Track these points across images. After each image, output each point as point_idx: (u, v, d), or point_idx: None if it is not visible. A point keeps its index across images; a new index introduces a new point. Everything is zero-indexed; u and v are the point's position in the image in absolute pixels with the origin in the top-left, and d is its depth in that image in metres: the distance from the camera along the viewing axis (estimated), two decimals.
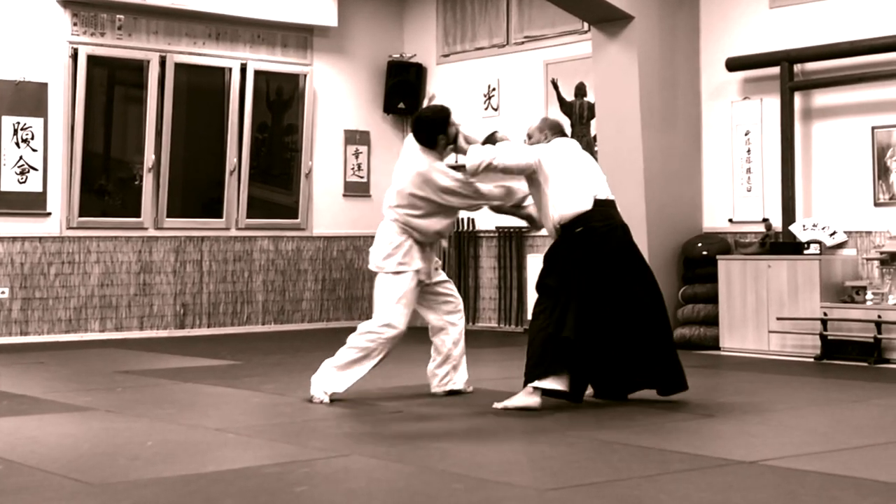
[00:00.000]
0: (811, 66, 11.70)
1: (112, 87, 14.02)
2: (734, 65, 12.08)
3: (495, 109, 14.49)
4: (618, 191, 12.01)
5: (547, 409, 7.80)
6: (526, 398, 7.86)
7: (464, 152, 8.30)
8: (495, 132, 8.52)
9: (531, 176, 8.15)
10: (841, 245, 11.34)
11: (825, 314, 10.84)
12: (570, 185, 8.03)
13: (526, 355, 7.97)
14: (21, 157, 12.94)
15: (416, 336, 8.99)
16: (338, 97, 15.32)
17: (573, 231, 8.00)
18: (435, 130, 8.33)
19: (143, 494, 5.43)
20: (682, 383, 8.11)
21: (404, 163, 8.48)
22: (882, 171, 11.20)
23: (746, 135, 12.17)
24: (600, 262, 7.97)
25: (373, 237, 15.04)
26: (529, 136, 8.42)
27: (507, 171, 8.21)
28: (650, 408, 7.94)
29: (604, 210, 8.09)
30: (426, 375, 8.67)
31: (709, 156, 12.52)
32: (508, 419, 7.57)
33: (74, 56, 13.31)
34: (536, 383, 7.83)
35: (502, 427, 7.34)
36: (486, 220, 14.17)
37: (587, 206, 8.00)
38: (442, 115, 8.39)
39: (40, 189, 13.05)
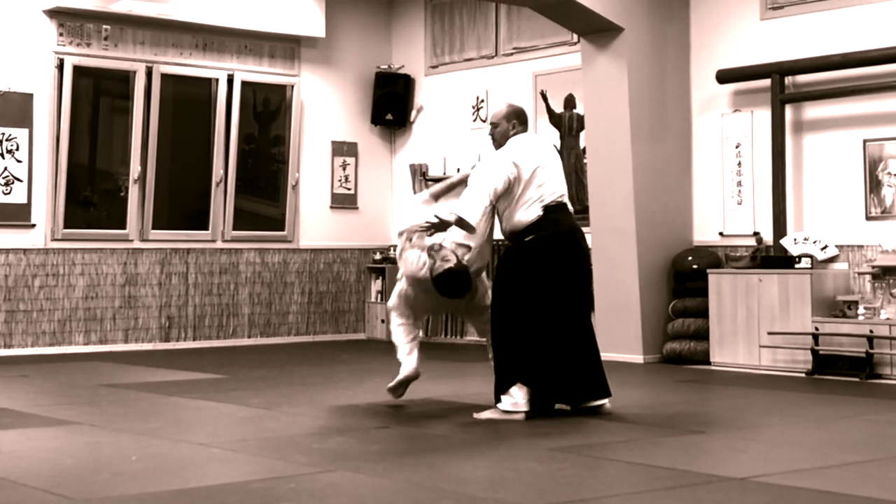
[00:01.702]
0: (802, 78, 11.67)
1: (98, 97, 13.97)
2: (725, 77, 12.05)
3: (483, 121, 14.34)
4: (607, 203, 12.05)
5: (533, 424, 7.79)
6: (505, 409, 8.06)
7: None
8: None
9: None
10: (832, 259, 11.27)
11: (816, 329, 10.78)
12: (523, 194, 8.06)
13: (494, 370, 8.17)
14: (6, 169, 12.87)
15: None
16: (325, 108, 15.26)
17: (522, 240, 8.09)
18: (461, 283, 8.11)
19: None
20: (606, 390, 8.19)
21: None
22: (874, 185, 11.15)
23: (737, 147, 12.13)
24: (547, 271, 8.02)
25: (360, 249, 15.22)
26: (495, 125, 8.33)
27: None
28: (638, 423, 7.91)
29: (553, 216, 8.08)
30: (411, 391, 8.68)
31: (699, 169, 12.48)
32: (496, 434, 7.54)
33: (60, 66, 13.25)
34: (499, 406, 8.04)
35: (490, 442, 7.31)
36: None
37: (536, 215, 8.03)
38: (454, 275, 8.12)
39: (25, 200, 12.98)
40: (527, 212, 8.01)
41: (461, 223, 7.84)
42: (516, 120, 8.32)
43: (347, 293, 15.32)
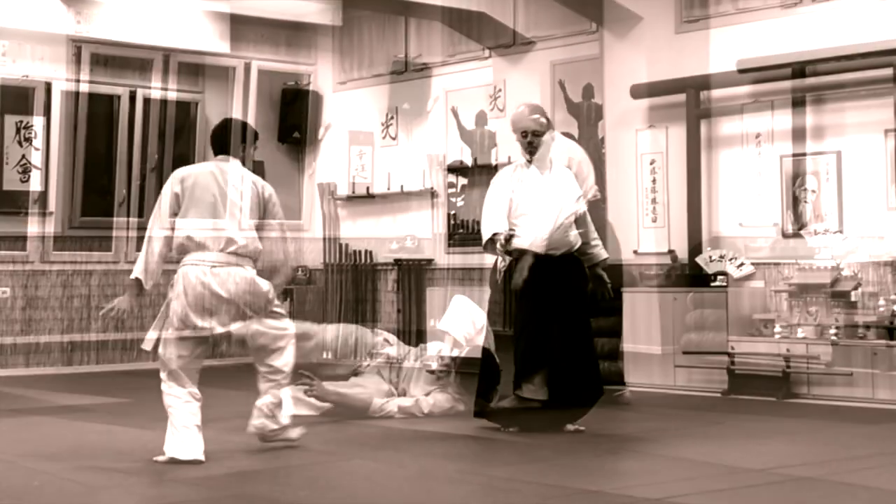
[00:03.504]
0: (717, 93, 11.58)
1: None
2: (641, 93, 11.98)
3: (501, 110, 13.88)
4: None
5: (548, 415, 8.03)
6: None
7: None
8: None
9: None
10: (749, 277, 11.11)
11: (732, 348, 10.63)
12: None
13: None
14: (23, 157, 13.01)
15: None
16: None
17: None
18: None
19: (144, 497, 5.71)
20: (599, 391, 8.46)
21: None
22: (792, 201, 11.11)
23: (652, 164, 12.14)
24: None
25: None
26: (539, 133, 8.36)
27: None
28: (549, 442, 7.84)
29: None
30: None
31: (612, 185, 12.20)
32: (510, 423, 7.90)
33: (78, 54, 13.38)
34: (518, 393, 8.07)
35: (505, 430, 7.79)
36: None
37: None
38: None
39: (42, 188, 13.13)
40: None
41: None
42: (550, 127, 8.52)
43: None
